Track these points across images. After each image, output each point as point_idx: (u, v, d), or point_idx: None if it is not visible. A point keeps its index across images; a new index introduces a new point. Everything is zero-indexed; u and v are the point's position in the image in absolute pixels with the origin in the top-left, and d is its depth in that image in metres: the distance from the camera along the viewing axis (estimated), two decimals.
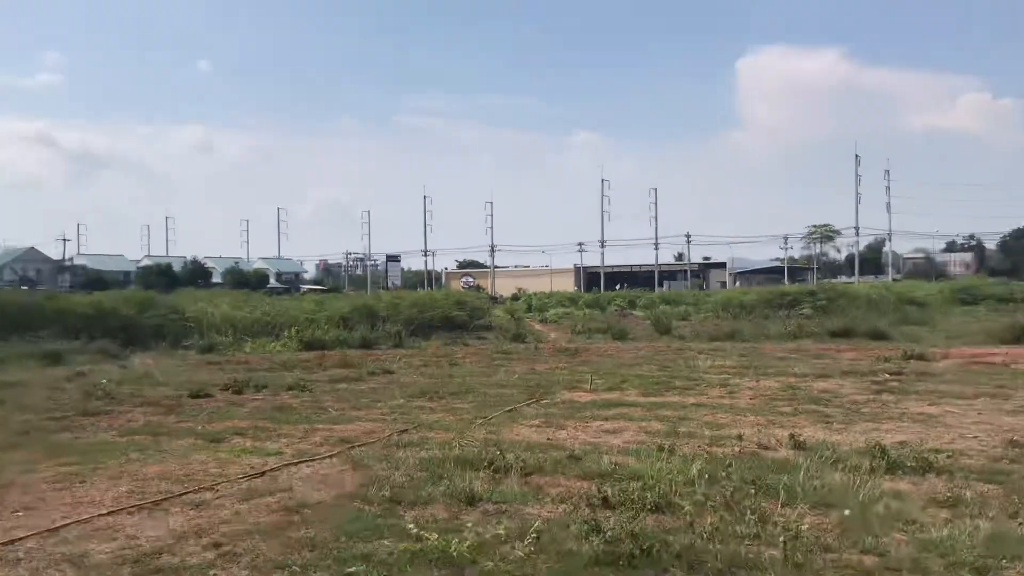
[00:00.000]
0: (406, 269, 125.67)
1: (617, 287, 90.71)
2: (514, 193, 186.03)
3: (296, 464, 8.35)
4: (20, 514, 6.69)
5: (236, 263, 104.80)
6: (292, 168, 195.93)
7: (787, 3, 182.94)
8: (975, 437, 9.46)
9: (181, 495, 7.18)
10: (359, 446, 9.19)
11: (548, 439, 9.53)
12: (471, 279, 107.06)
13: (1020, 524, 6.07)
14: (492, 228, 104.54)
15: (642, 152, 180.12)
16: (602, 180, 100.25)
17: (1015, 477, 7.45)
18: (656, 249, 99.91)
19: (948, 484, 7.13)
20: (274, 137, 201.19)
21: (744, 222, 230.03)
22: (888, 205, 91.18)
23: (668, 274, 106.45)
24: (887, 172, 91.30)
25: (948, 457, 8.26)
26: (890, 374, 15.50)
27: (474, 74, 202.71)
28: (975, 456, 8.41)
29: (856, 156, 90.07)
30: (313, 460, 8.54)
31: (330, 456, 8.73)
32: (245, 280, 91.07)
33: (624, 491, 6.63)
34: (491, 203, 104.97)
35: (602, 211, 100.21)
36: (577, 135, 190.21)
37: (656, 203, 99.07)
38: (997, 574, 5.07)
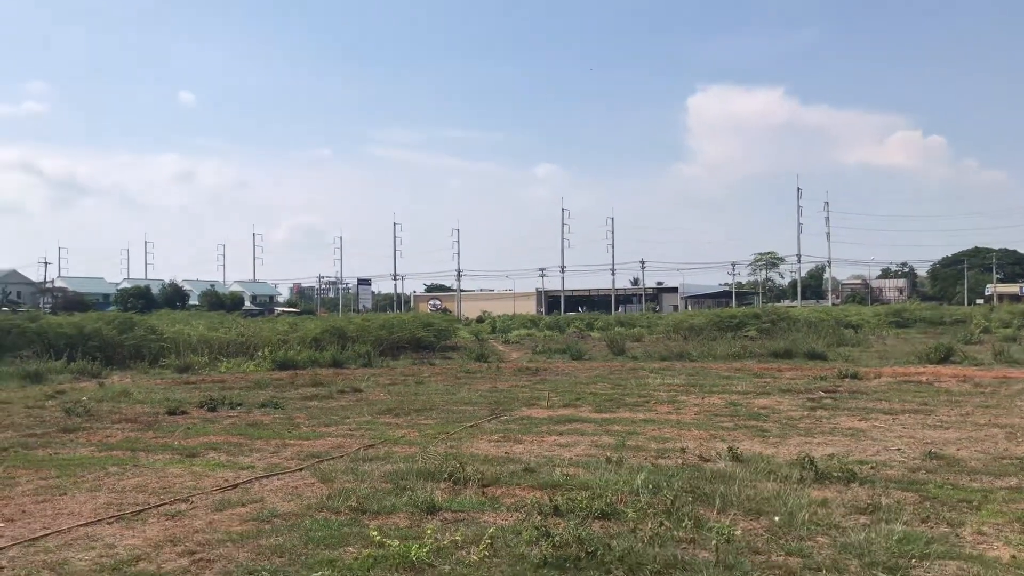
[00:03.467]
0: (376, 292, 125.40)
1: (578, 310, 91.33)
2: (480, 221, 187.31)
3: (267, 477, 8.40)
4: (2, 525, 6.68)
5: (212, 286, 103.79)
6: (268, 195, 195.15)
7: (733, 44, 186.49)
8: (898, 449, 9.76)
9: (157, 506, 7.20)
10: (327, 460, 9.25)
11: (506, 453, 9.66)
12: (438, 302, 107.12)
13: (931, 527, 6.33)
14: (459, 254, 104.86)
15: (600, 183, 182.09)
16: (562, 209, 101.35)
17: (930, 486, 7.72)
18: (613, 274, 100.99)
19: (870, 492, 7.39)
20: (252, 166, 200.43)
21: (695, 249, 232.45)
22: (828, 235, 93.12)
23: (624, 298, 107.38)
24: (826, 204, 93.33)
25: (872, 468, 8.55)
26: (825, 392, 15.86)
27: (440, 109, 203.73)
28: (896, 467, 8.69)
29: (798, 189, 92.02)
30: (283, 473, 8.60)
31: (299, 469, 8.78)
32: (221, 302, 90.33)
33: (573, 500, 6.78)
34: (458, 230, 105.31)
35: (562, 238, 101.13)
36: (540, 167, 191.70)
37: (613, 231, 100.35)
38: (906, 572, 5.29)
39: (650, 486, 7.33)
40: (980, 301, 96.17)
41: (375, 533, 5.80)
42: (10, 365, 21.17)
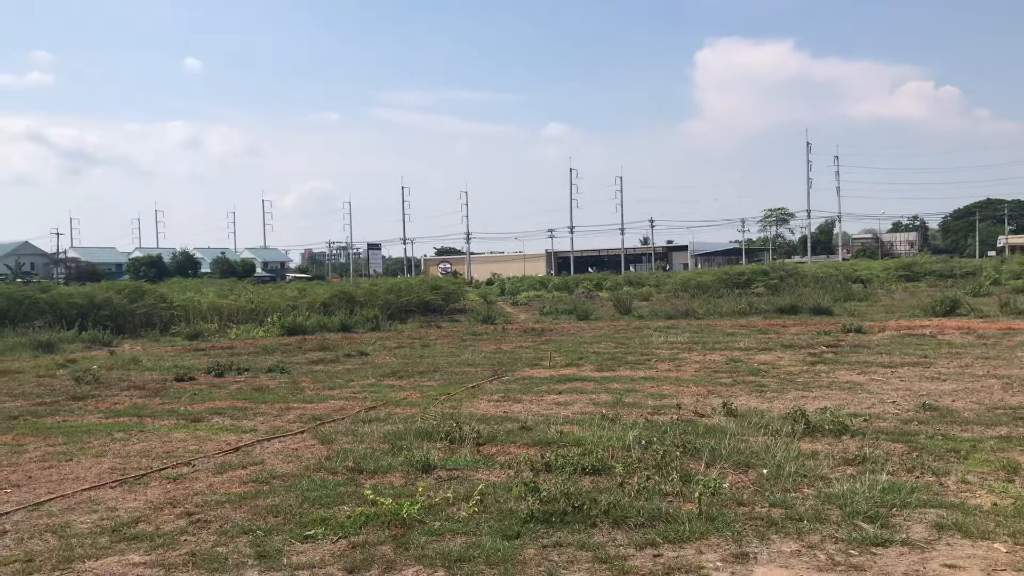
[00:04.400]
0: (387, 256, 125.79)
1: (588, 270, 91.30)
2: (489, 183, 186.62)
3: (268, 440, 8.54)
4: (8, 491, 6.85)
5: (223, 253, 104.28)
6: (277, 161, 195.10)
7: None
8: (893, 402, 9.83)
9: (160, 470, 7.36)
10: (329, 422, 9.40)
11: (504, 412, 9.79)
12: (448, 265, 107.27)
13: (916, 477, 6.41)
14: (467, 216, 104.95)
15: (610, 141, 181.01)
16: (570, 169, 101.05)
17: (920, 437, 7.80)
18: (622, 234, 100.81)
19: (859, 444, 7.47)
20: (259, 132, 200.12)
21: (705, 207, 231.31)
22: (838, 189, 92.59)
23: (634, 257, 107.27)
24: (836, 158, 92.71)
25: (864, 420, 8.63)
26: (827, 347, 15.90)
27: (447, 71, 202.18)
28: (889, 419, 8.77)
29: (807, 143, 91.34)
30: (285, 436, 8.75)
31: (301, 432, 8.93)
32: (232, 269, 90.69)
33: (564, 456, 6.88)
34: (466, 192, 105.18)
35: (571, 199, 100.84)
36: (548, 127, 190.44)
37: (621, 190, 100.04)
38: (886, 520, 5.37)
39: (642, 442, 7.43)
40: (992, 253, 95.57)
41: (369, 492, 5.91)
42: (22, 335, 21.45)
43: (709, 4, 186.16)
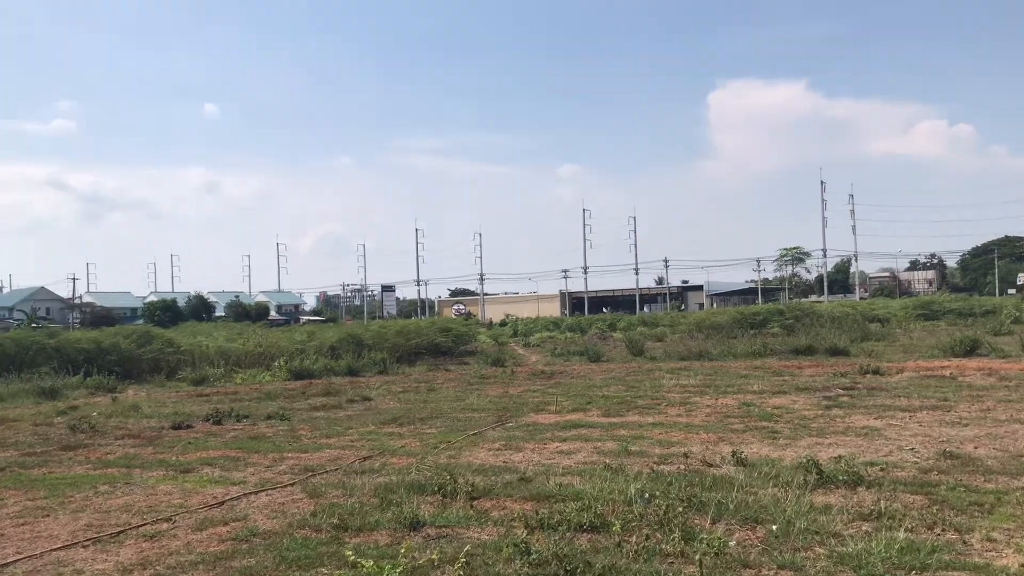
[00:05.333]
0: (401, 298, 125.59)
1: (602, 311, 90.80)
2: (503, 224, 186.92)
3: (256, 493, 8.20)
4: None
5: (237, 297, 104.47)
6: (293, 205, 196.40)
7: (752, 38, 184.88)
8: (911, 449, 9.38)
9: (138, 527, 7.02)
10: (321, 474, 9.05)
11: (504, 462, 9.40)
12: (462, 307, 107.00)
13: (937, 534, 5.98)
14: (481, 258, 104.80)
15: (624, 182, 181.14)
16: (583, 210, 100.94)
17: (941, 488, 7.36)
18: (636, 274, 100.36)
19: (876, 496, 7.04)
20: (275, 176, 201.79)
21: (719, 246, 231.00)
22: (853, 228, 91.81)
23: (649, 297, 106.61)
24: (851, 196, 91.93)
25: (881, 470, 8.19)
26: (843, 389, 15.43)
27: (461, 115, 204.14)
28: (908, 468, 8.32)
29: (821, 182, 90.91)
30: (274, 489, 8.39)
31: (291, 484, 8.58)
32: (246, 313, 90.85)
33: (561, 512, 6.51)
34: (480, 234, 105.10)
35: (584, 239, 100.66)
36: (562, 168, 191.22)
37: (635, 230, 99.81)
38: None
39: (645, 495, 7.03)
40: (1012, 291, 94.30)
41: (350, 553, 5.55)
42: (27, 382, 21.25)
43: (721, 46, 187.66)
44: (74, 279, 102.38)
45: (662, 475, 8.17)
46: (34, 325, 57.18)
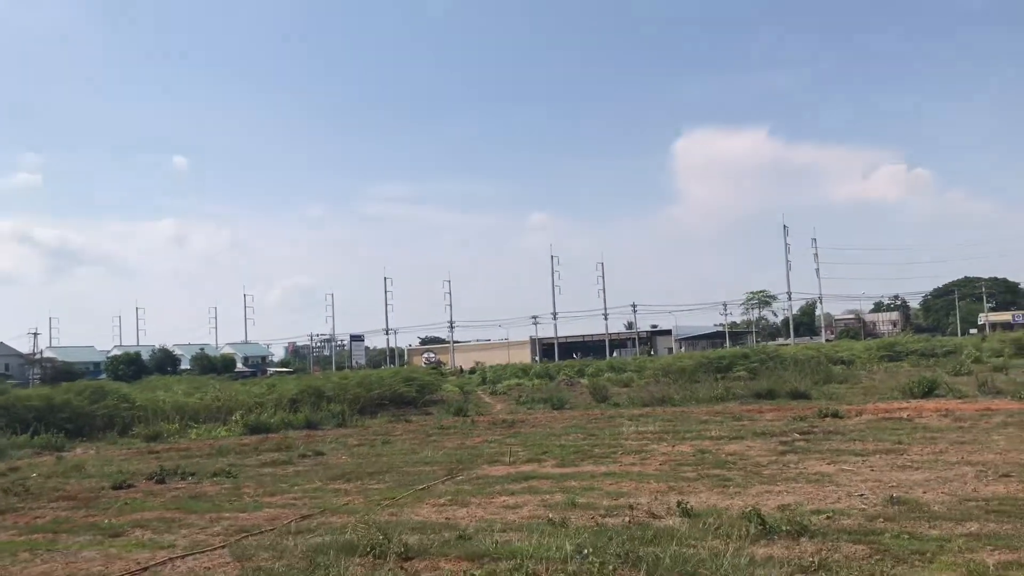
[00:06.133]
0: (371, 347, 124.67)
1: (573, 356, 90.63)
2: (473, 271, 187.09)
3: (183, 557, 7.84)
4: None
5: (202, 349, 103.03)
6: (262, 256, 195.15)
7: (715, 87, 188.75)
8: (860, 495, 9.24)
9: None
10: (255, 535, 8.70)
11: (447, 518, 9.12)
12: (432, 355, 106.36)
13: None
14: (451, 305, 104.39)
15: (593, 229, 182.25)
16: (551, 256, 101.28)
17: (885, 536, 7.20)
18: (605, 319, 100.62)
19: (819, 547, 6.87)
20: (244, 227, 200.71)
21: (687, 291, 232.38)
22: (817, 271, 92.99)
23: (619, 342, 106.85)
24: (814, 240, 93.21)
25: (827, 518, 8.03)
26: (800, 433, 15.32)
27: (431, 163, 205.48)
28: (854, 516, 8.16)
29: (784, 227, 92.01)
30: (203, 552, 8.04)
31: (222, 547, 8.23)
32: (212, 365, 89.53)
33: (494, 572, 6.27)
34: (449, 281, 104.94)
35: (553, 286, 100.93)
36: (533, 216, 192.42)
37: (604, 276, 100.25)
38: None
39: (583, 551, 6.80)
40: (973, 331, 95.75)
41: None
42: None
43: (684, 94, 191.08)
44: (35, 334, 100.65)
45: (605, 529, 7.94)
46: None
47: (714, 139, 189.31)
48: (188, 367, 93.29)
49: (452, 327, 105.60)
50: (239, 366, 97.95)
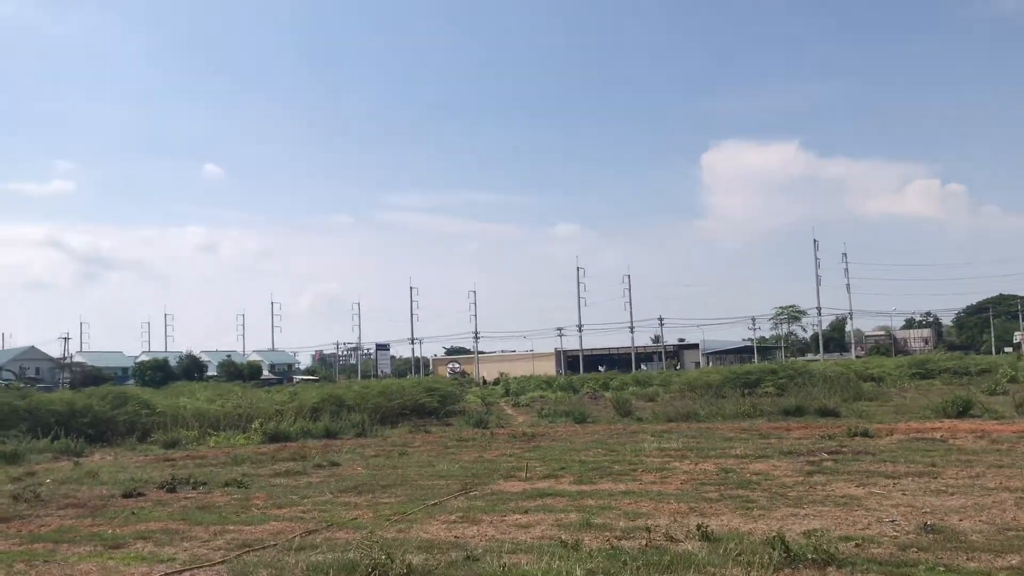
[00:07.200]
0: (396, 357, 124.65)
1: (598, 369, 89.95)
2: (499, 282, 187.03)
3: (180, 573, 7.56)
4: None
5: (229, 356, 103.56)
6: (290, 264, 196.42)
7: (745, 99, 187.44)
8: (892, 521, 8.75)
9: None
10: (257, 550, 8.40)
11: (456, 536, 8.76)
12: (457, 365, 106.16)
13: None
14: (476, 316, 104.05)
15: (621, 241, 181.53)
16: (577, 268, 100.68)
17: (919, 568, 6.74)
18: (632, 332, 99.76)
19: None
20: (273, 235, 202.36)
21: (715, 305, 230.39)
22: (848, 286, 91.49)
23: (645, 356, 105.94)
24: (844, 255, 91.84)
25: (856, 546, 7.57)
26: (828, 453, 14.79)
27: (457, 173, 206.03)
28: (885, 544, 7.69)
29: (814, 241, 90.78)
30: (201, 567, 7.75)
31: (221, 562, 7.93)
32: (239, 372, 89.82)
33: None
34: (474, 292, 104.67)
35: (579, 297, 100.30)
36: (559, 227, 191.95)
37: (630, 288, 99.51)
38: None
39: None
40: (1008, 349, 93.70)
41: None
42: None
43: (714, 106, 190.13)
44: (66, 339, 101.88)
45: (620, 552, 7.54)
46: (22, 385, 56.37)
47: (743, 152, 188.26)
48: (215, 373, 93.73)
49: (477, 338, 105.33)
50: (265, 373, 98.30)
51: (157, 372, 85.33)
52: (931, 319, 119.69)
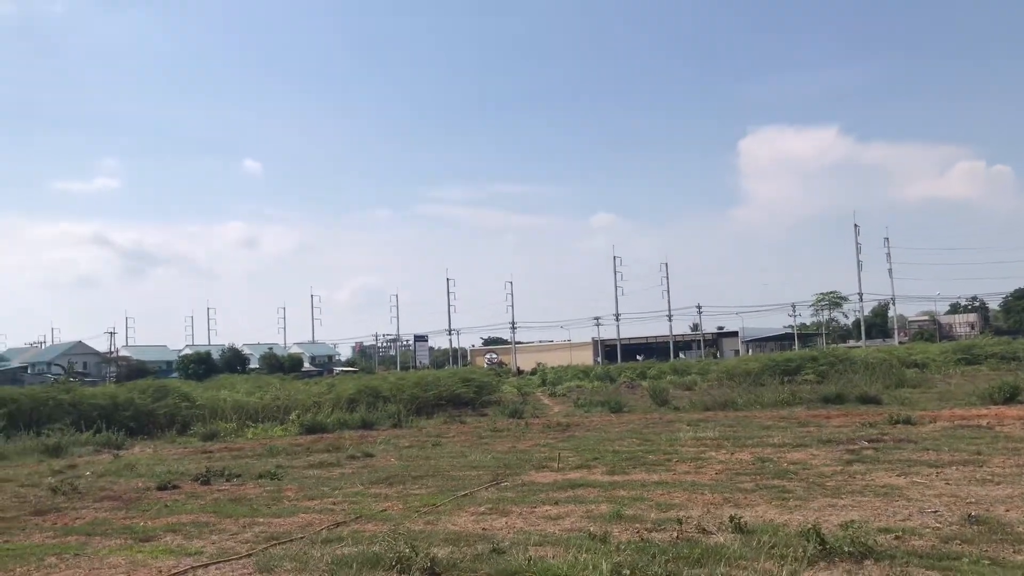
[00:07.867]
0: (434, 348, 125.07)
1: (636, 358, 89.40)
2: (536, 272, 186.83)
3: (205, 567, 7.52)
4: None
5: (271, 349, 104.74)
6: (330, 257, 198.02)
7: (782, 85, 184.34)
8: (934, 512, 8.43)
9: None
10: (285, 543, 8.34)
11: (484, 528, 8.62)
12: (495, 355, 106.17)
13: None
14: (513, 306, 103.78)
15: (658, 230, 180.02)
16: (615, 257, 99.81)
17: (963, 561, 6.44)
18: (670, 320, 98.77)
19: (885, 572, 6.17)
20: (313, 229, 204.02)
21: (754, 292, 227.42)
22: (890, 271, 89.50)
23: (684, 344, 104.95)
24: (886, 240, 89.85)
25: (896, 538, 7.28)
26: (869, 441, 14.41)
27: (493, 166, 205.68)
28: (927, 536, 7.39)
29: (855, 226, 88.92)
30: (228, 560, 7.70)
31: (248, 555, 7.88)
32: (280, 365, 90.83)
33: None
34: (511, 282, 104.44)
35: (616, 286, 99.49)
36: (595, 217, 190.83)
37: (668, 277, 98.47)
38: None
39: (623, 571, 6.24)
40: None
41: None
42: (36, 439, 20.85)
43: (751, 92, 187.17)
44: (112, 333, 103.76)
45: (649, 545, 7.33)
46: (71, 379, 57.56)
47: (782, 137, 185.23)
48: (256, 366, 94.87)
49: (514, 328, 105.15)
50: (306, 365, 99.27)
51: (200, 365, 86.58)
52: (977, 303, 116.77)
